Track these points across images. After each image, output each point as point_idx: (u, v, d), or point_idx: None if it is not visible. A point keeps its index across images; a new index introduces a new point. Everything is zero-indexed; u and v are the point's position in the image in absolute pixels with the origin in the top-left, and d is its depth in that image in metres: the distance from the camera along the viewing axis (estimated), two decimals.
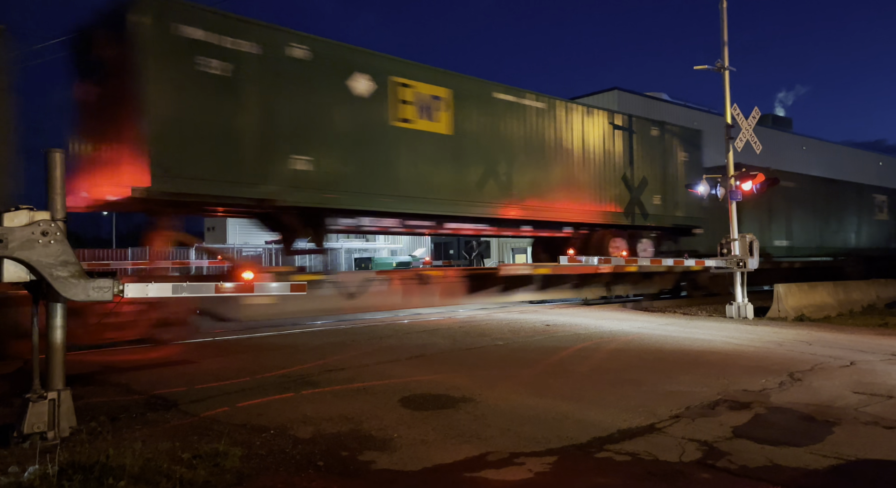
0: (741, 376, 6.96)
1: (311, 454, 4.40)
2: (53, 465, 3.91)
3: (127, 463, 3.98)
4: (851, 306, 15.43)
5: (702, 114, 38.74)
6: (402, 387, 6.47)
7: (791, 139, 45.12)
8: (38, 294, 4.80)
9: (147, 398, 6.13)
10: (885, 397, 6.00)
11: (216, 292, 5.87)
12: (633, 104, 35.42)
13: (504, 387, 6.45)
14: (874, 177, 42.66)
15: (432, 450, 4.48)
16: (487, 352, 8.84)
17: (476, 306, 15.71)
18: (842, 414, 5.37)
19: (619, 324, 12.08)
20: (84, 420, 5.04)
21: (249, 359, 8.30)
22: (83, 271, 4.71)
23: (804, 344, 9.52)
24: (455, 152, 12.49)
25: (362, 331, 11.26)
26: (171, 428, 5.05)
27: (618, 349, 9.00)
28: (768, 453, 4.37)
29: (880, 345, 9.40)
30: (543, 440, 4.69)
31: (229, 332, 11.07)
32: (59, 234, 4.63)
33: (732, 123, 14.67)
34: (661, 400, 5.88)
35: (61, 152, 4.82)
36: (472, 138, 12.77)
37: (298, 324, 12.53)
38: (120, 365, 7.95)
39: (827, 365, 7.68)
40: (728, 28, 14.59)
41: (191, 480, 3.86)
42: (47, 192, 4.75)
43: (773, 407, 5.66)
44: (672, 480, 3.90)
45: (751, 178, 14.51)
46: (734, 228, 14.42)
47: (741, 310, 13.81)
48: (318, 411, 5.53)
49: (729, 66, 14.60)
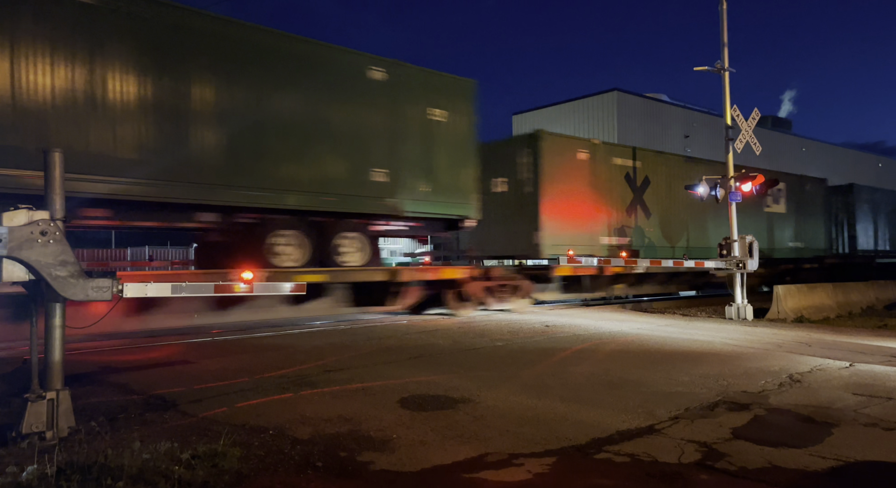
0: (740, 377, 6.96)
1: (310, 454, 4.39)
2: (52, 465, 3.91)
3: (125, 463, 3.98)
4: (850, 308, 15.45)
5: (702, 115, 38.78)
6: (401, 388, 6.46)
7: (791, 140, 45.19)
8: (36, 293, 4.80)
9: (145, 398, 6.12)
10: (884, 399, 6.00)
11: (216, 292, 5.88)
12: (633, 105, 35.48)
13: (503, 388, 6.45)
14: (873, 179, 42.73)
15: (431, 451, 4.47)
16: (487, 352, 8.83)
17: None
18: (841, 416, 5.37)
19: (619, 325, 12.08)
20: (82, 420, 5.03)
21: (248, 360, 8.29)
22: (82, 271, 4.71)
23: (803, 345, 9.52)
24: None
25: (361, 331, 11.26)
26: (170, 429, 5.04)
27: (617, 350, 8.99)
28: (767, 454, 4.37)
29: (879, 347, 9.40)
30: (542, 441, 4.68)
31: (228, 332, 11.06)
32: (58, 234, 4.63)
33: (732, 124, 14.68)
34: (660, 401, 5.88)
35: (60, 152, 4.81)
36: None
37: (297, 324, 12.53)
38: (118, 365, 7.95)
39: (826, 366, 7.68)
40: (728, 30, 14.60)
41: (189, 480, 3.85)
42: (46, 192, 4.75)
43: (773, 408, 5.65)
44: (671, 481, 3.89)
45: (750, 179, 14.53)
46: (734, 229, 14.43)
47: (741, 311, 13.81)
48: (317, 412, 5.52)
49: (728, 68, 14.60)
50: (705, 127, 37.60)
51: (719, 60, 14.62)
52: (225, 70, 10.38)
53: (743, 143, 14.64)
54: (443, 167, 13.02)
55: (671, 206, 18.73)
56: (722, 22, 14.58)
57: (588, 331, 11.10)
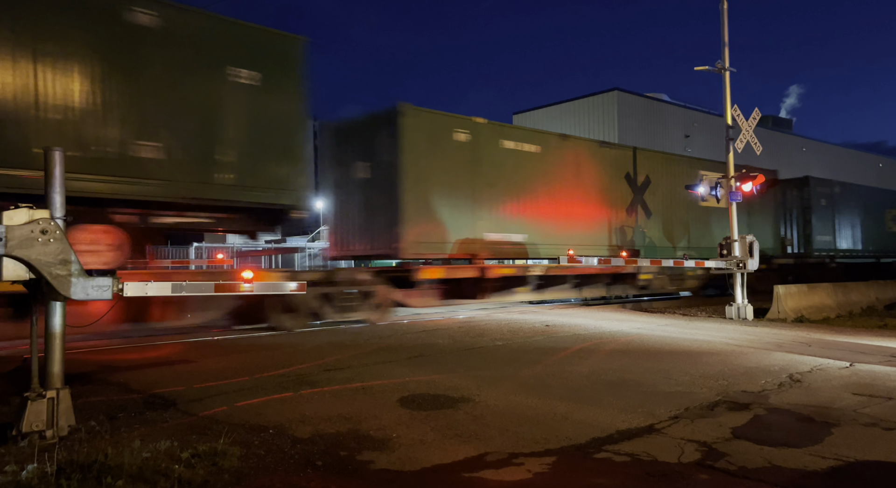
0: (740, 377, 6.96)
1: (310, 454, 4.40)
2: (52, 464, 3.91)
3: (125, 462, 3.98)
4: (850, 307, 15.45)
5: (702, 114, 38.79)
6: (401, 387, 6.47)
7: (791, 140, 45.19)
8: (37, 292, 4.80)
9: (146, 397, 6.12)
10: (884, 398, 6.00)
11: (216, 291, 5.88)
12: (634, 105, 35.47)
13: (503, 388, 6.45)
14: (874, 179, 42.74)
15: (431, 451, 4.47)
16: (487, 352, 8.83)
17: (476, 306, 15.71)
18: (841, 416, 5.37)
19: (619, 324, 12.08)
20: (83, 419, 5.03)
21: (248, 359, 8.30)
22: (82, 270, 4.71)
23: (803, 345, 9.52)
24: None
25: (361, 330, 11.26)
26: (170, 428, 5.04)
27: (617, 349, 8.99)
28: (767, 454, 4.37)
29: (879, 347, 9.40)
30: (542, 440, 4.68)
31: (228, 332, 11.07)
32: (58, 233, 4.63)
33: (733, 124, 14.68)
34: (660, 400, 5.88)
35: (60, 150, 4.82)
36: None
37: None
38: (119, 364, 7.95)
39: (826, 366, 7.68)
40: (729, 29, 14.60)
41: (189, 479, 3.85)
42: (46, 190, 4.75)
43: (773, 408, 5.65)
44: (671, 481, 3.89)
45: (751, 179, 14.54)
46: (734, 229, 14.43)
47: (741, 311, 13.81)
48: (317, 411, 5.52)
49: (729, 67, 14.60)
50: (705, 127, 37.61)
51: (720, 60, 14.62)
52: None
53: (743, 143, 14.64)
54: (254, 143, 10.19)
55: (580, 197, 16.20)
56: (723, 21, 14.58)
57: (588, 330, 11.10)
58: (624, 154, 17.83)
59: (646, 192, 18.06)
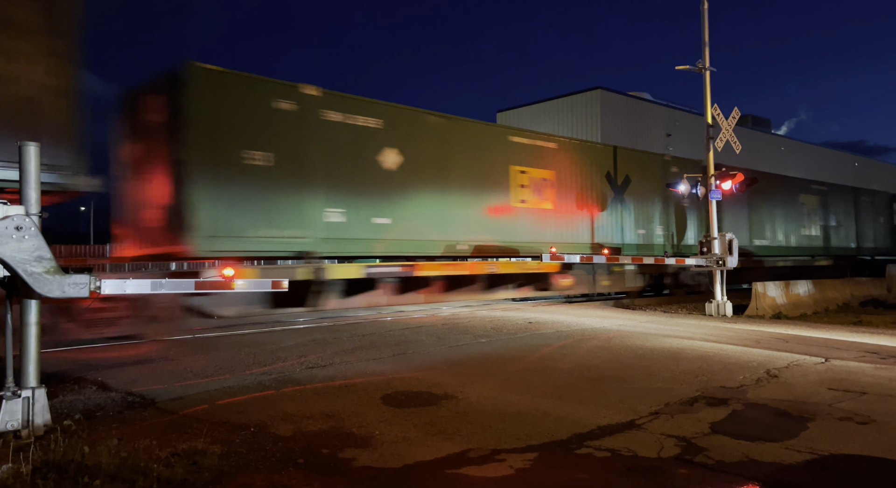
0: (719, 373, 7.05)
1: (292, 451, 4.37)
2: (27, 464, 3.85)
3: (103, 461, 3.93)
4: (827, 304, 15.73)
5: (684, 113, 39.12)
6: (384, 385, 6.45)
7: (770, 139, 45.76)
8: (12, 290, 4.71)
9: (124, 396, 6.05)
10: (858, 393, 6.12)
11: (196, 289, 5.82)
12: (617, 103, 35.68)
13: (486, 385, 6.46)
14: (850, 178, 43.47)
15: (413, 447, 4.47)
16: (470, 349, 8.85)
17: (460, 303, 15.73)
18: (816, 410, 5.46)
19: (601, 321, 12.17)
20: (59, 418, 4.95)
21: (230, 357, 8.23)
22: (58, 267, 4.64)
23: (781, 341, 9.67)
24: None
25: (344, 328, 11.22)
26: (149, 427, 4.99)
27: (599, 346, 9.06)
28: (745, 448, 4.43)
29: (854, 343, 9.58)
30: (524, 436, 4.71)
31: (209, 329, 10.96)
32: (33, 229, 4.55)
33: (713, 123, 14.85)
34: (640, 396, 5.94)
35: (36, 145, 4.73)
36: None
37: (280, 321, 12.45)
38: (97, 362, 7.84)
39: (802, 362, 7.81)
40: (710, 29, 14.75)
41: (168, 478, 3.81)
42: (21, 186, 4.66)
43: (750, 403, 5.74)
44: (650, 475, 3.94)
45: (730, 178, 14.71)
46: (714, 227, 14.60)
47: (720, 308, 13.99)
48: (299, 408, 5.50)
49: (709, 67, 14.76)
50: (687, 125, 37.96)
51: (700, 60, 14.77)
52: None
53: (723, 142, 14.82)
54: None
55: (459, 184, 13.42)
56: (703, 22, 14.73)
57: (570, 327, 11.17)
58: (512, 132, 14.87)
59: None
